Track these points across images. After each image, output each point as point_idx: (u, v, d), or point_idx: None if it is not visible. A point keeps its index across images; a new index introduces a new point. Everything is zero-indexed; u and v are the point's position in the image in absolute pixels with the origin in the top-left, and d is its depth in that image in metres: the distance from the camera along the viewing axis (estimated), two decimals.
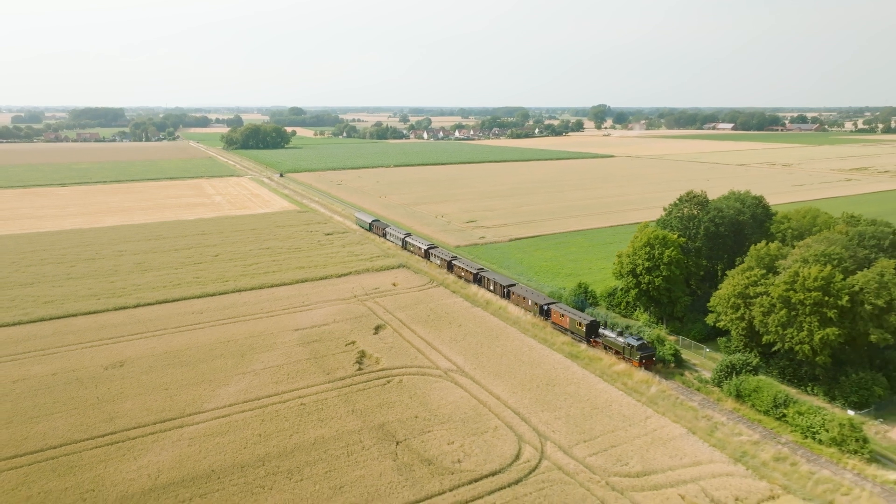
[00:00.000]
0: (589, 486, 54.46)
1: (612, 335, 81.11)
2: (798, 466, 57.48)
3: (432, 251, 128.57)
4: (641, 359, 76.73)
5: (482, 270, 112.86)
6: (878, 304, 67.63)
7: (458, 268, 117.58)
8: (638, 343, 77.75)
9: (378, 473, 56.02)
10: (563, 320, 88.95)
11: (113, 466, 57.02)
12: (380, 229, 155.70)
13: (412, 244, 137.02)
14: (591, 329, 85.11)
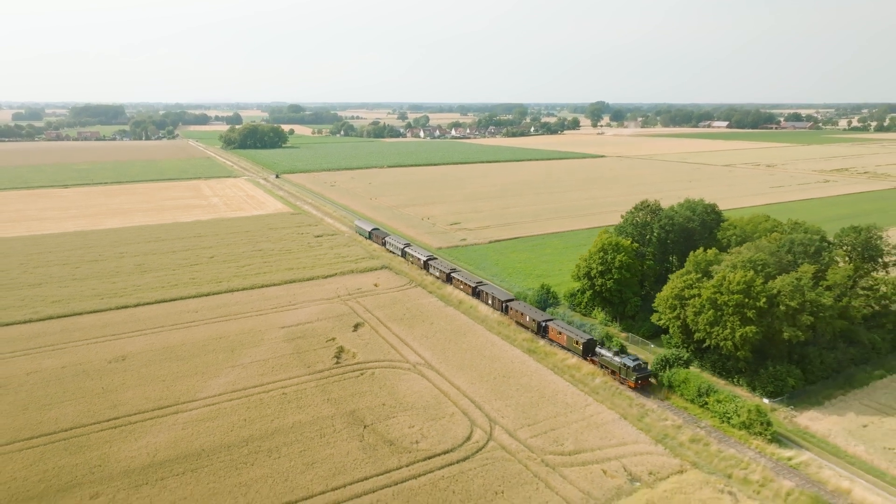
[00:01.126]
0: (526, 462, 63.39)
1: (609, 355, 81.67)
2: (709, 446, 66.43)
3: (431, 262, 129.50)
4: (637, 379, 77.28)
5: (481, 284, 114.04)
6: (793, 306, 76.53)
7: (458, 280, 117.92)
8: (634, 364, 78.32)
9: (345, 452, 64.97)
10: (561, 338, 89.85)
11: (117, 446, 65.96)
12: (379, 238, 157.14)
13: (411, 255, 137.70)
14: (588, 347, 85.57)
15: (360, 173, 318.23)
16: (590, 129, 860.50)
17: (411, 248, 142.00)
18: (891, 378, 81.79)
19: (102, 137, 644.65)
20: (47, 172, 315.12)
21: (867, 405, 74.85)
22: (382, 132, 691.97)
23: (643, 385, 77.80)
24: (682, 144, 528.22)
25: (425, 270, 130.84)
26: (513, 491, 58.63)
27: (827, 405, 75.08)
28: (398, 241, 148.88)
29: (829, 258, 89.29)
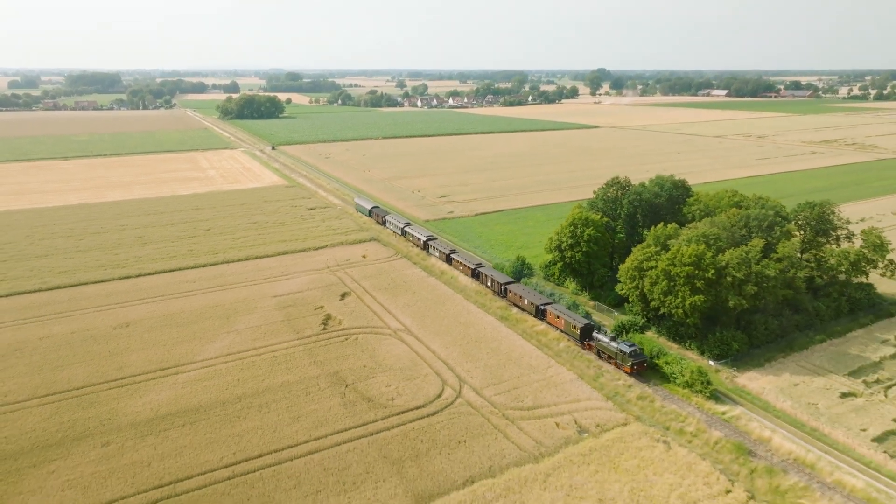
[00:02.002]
0: (488, 416, 71.23)
1: (605, 340, 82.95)
2: (654, 403, 74.21)
3: (431, 243, 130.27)
4: (633, 365, 78.56)
5: (480, 266, 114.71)
6: (739, 277, 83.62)
7: (457, 262, 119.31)
8: (630, 350, 79.47)
9: (328, 408, 72.79)
10: (559, 322, 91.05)
11: (123, 402, 73.79)
12: (379, 216, 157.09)
13: (411, 234, 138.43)
14: (585, 332, 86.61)
15: (355, 145, 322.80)
16: (588, 97, 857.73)
17: (411, 227, 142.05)
18: (830, 342, 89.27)
19: (100, 107, 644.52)
20: (47, 144, 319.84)
21: (802, 366, 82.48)
22: (380, 101, 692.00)
23: (639, 370, 78.83)
24: (678, 114, 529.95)
25: (425, 251, 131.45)
26: (474, 440, 66.52)
27: (767, 366, 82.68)
28: (398, 219, 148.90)
29: (780, 232, 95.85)
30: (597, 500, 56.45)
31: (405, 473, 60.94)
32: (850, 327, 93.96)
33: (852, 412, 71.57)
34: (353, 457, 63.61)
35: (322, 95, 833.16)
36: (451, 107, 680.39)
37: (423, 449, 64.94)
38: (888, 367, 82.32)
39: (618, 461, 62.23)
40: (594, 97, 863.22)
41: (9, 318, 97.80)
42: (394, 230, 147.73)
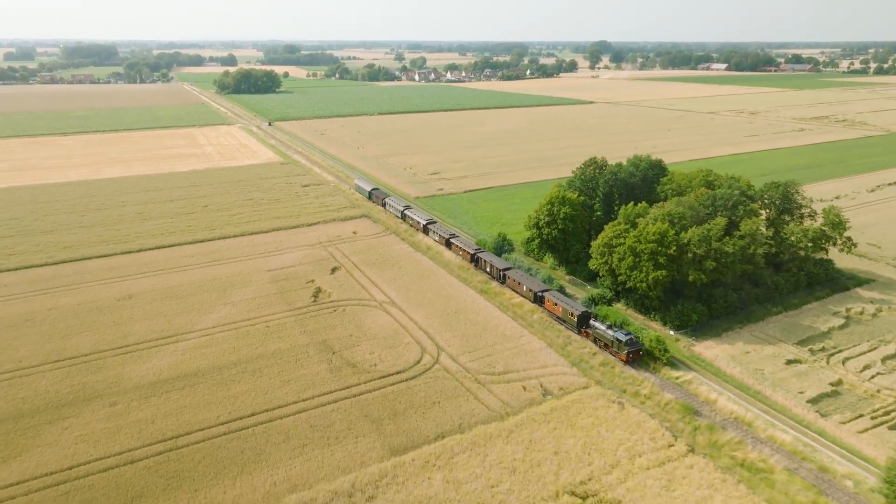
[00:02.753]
0: (462, 380, 77.96)
1: (602, 328, 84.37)
2: (614, 369, 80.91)
3: (430, 226, 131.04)
4: (629, 353, 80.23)
5: (479, 251, 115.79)
6: (699, 253, 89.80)
7: (457, 246, 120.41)
8: (626, 338, 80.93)
9: (315, 372, 79.50)
10: (557, 309, 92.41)
11: (128, 368, 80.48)
12: (379, 199, 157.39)
13: (411, 217, 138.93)
14: (582, 320, 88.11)
15: (351, 121, 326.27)
16: (587, 71, 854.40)
17: (411, 210, 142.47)
18: (785, 314, 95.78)
19: (97, 80, 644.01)
20: (46, 120, 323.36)
21: (756, 336, 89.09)
22: (377, 75, 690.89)
23: (634, 358, 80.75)
24: (674, 89, 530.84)
25: (424, 234, 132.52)
26: (447, 401, 73.32)
27: (723, 336, 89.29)
28: (398, 202, 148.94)
29: (743, 211, 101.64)
30: (552, 453, 63.37)
31: (383, 430, 67.83)
32: (806, 300, 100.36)
33: (794, 377, 78.34)
34: (336, 415, 70.46)
35: (320, 69, 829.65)
36: (448, 81, 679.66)
37: (401, 409, 71.76)
38: (835, 337, 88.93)
39: (575, 420, 69.10)
40: (593, 71, 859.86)
41: (19, 290, 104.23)
42: (394, 213, 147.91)
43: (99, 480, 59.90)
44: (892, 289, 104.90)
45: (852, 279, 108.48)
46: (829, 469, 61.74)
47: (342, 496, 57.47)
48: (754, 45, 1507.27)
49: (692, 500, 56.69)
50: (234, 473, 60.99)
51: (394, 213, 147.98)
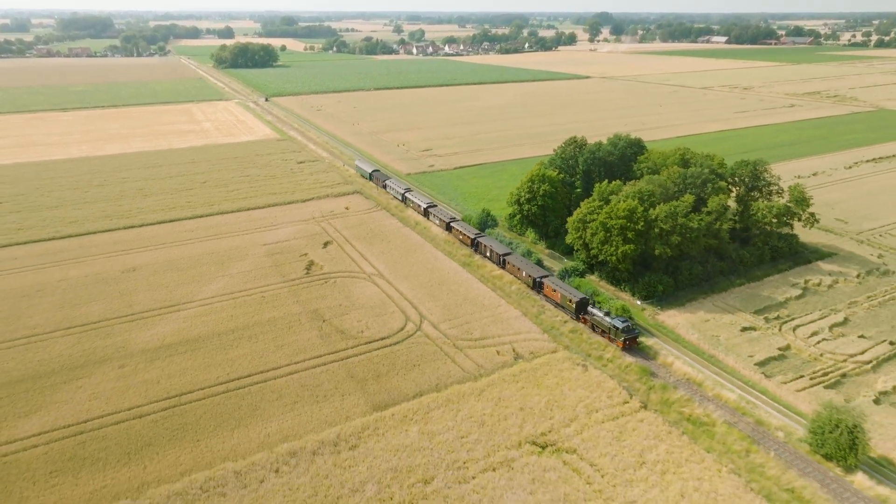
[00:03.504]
0: (441, 346, 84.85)
1: (600, 315, 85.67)
2: (582, 335, 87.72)
3: (431, 209, 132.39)
4: (625, 340, 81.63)
5: (479, 236, 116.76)
6: (665, 228, 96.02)
7: (457, 230, 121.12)
8: (623, 325, 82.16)
9: (307, 339, 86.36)
10: (555, 295, 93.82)
11: (134, 334, 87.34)
12: (380, 181, 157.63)
13: (412, 200, 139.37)
14: (580, 306, 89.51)
15: (347, 96, 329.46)
16: (586, 44, 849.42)
17: (412, 193, 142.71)
18: (747, 286, 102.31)
19: (93, 54, 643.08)
20: (46, 95, 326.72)
21: (717, 306, 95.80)
22: (375, 49, 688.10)
23: (630, 345, 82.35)
24: (672, 63, 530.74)
25: (425, 217, 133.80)
26: (426, 364, 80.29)
27: (687, 306, 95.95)
28: (399, 185, 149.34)
29: (711, 188, 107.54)
30: (518, 409, 70.47)
31: (367, 389, 74.90)
32: (769, 273, 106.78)
33: (747, 342, 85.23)
34: (325, 376, 77.49)
35: (317, 41, 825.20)
36: (446, 54, 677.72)
37: (384, 371, 78.76)
38: (790, 307, 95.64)
39: (541, 380, 76.12)
40: (591, 44, 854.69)
41: (29, 263, 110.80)
42: (394, 195, 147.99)
43: (111, 432, 67.08)
44: (852, 262, 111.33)
45: (815, 253, 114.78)
46: (765, 422, 68.90)
47: (328, 445, 64.66)
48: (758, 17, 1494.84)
49: (638, 449, 63.87)
50: (231, 426, 68.16)
51: (394, 196, 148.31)
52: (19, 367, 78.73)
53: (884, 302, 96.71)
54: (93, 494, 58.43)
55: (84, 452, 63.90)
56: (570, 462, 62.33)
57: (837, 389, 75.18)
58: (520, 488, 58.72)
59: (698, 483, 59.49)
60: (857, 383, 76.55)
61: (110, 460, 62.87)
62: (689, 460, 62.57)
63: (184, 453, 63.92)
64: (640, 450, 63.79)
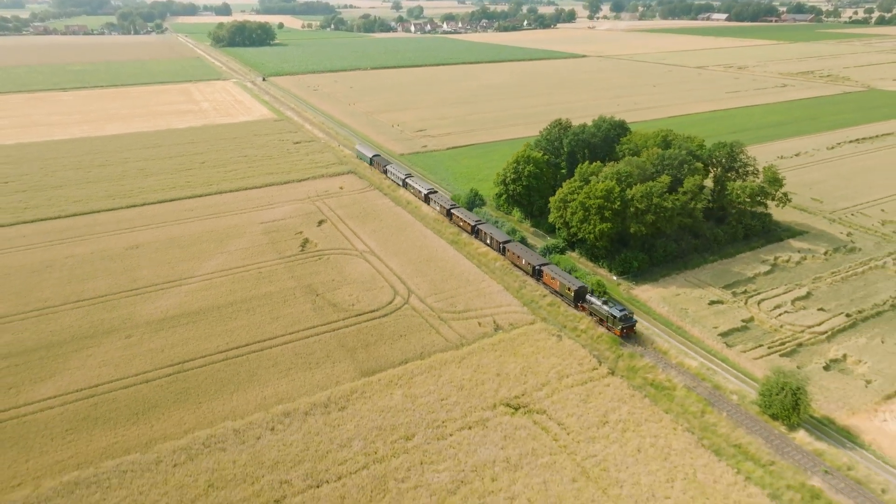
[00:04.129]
0: (426, 318, 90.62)
1: (598, 303, 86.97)
2: (560, 308, 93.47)
3: (431, 196, 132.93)
4: (623, 328, 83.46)
5: (479, 223, 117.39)
6: (640, 208, 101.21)
7: (457, 217, 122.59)
8: (620, 314, 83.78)
9: (301, 311, 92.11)
10: (554, 283, 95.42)
11: (139, 307, 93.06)
12: (380, 166, 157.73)
13: (413, 186, 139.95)
14: (578, 294, 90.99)
15: (344, 76, 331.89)
16: (586, 21, 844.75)
17: (412, 179, 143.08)
18: (720, 263, 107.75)
19: (91, 31, 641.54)
20: (45, 74, 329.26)
21: (689, 281, 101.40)
22: (373, 26, 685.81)
23: (628, 333, 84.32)
24: (669, 41, 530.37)
25: (426, 203, 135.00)
26: (412, 334, 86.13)
27: (660, 281, 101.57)
28: (399, 170, 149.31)
29: (687, 169, 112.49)
30: (495, 374, 76.45)
31: (356, 357, 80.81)
32: (741, 250, 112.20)
33: (713, 315, 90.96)
34: (318, 346, 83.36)
35: (315, 18, 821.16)
36: (444, 32, 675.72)
37: (372, 340, 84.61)
38: (758, 282, 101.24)
39: (518, 349, 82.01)
40: (591, 21, 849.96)
41: (37, 240, 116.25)
42: (395, 181, 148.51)
43: (120, 395, 73.13)
44: (821, 239, 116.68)
45: (787, 231, 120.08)
46: (721, 387, 74.91)
47: (319, 406, 70.72)
48: None
49: (602, 410, 69.93)
50: (231, 390, 74.17)
51: (395, 182, 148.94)
52: (33, 337, 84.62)
53: (846, 277, 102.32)
54: (105, 449, 64.54)
55: (96, 413, 69.99)
56: (539, 422, 68.42)
57: (792, 357, 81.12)
58: (492, 444, 64.85)
59: (654, 440, 65.61)
60: (812, 352, 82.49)
61: (120, 420, 68.97)
62: (649, 420, 68.64)
63: (187, 414, 70.01)
64: (604, 411, 69.85)
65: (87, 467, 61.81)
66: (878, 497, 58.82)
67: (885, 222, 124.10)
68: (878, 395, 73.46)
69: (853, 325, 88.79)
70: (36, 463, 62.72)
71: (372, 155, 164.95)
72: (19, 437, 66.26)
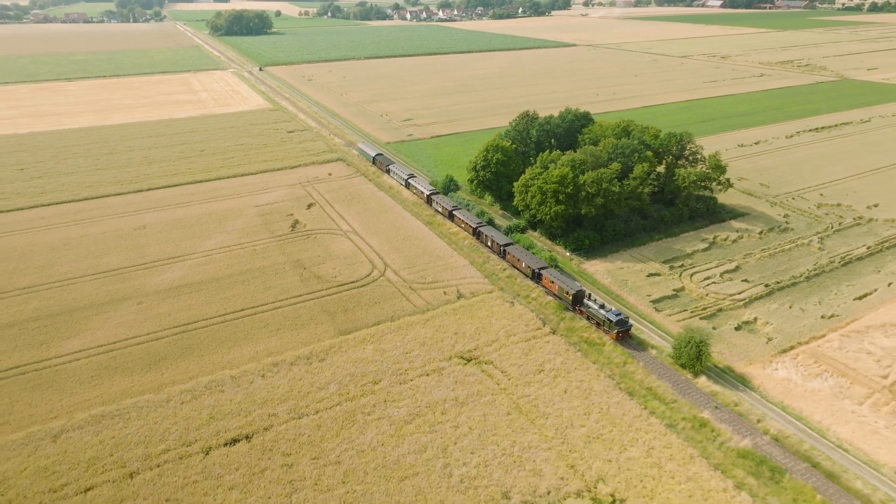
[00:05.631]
0: (399, 287, 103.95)
1: (595, 307, 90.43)
2: (516, 279, 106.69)
3: (434, 197, 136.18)
4: (618, 332, 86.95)
5: (481, 225, 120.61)
6: (591, 192, 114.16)
7: (459, 219, 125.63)
8: (616, 318, 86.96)
9: (290, 282, 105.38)
10: (553, 287, 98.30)
11: (148, 279, 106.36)
12: (383, 165, 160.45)
13: (415, 187, 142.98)
14: (576, 298, 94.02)
15: (338, 66, 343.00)
16: (581, 7, 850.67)
17: (415, 179, 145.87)
18: (664, 241, 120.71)
19: (90, 19, 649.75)
20: (50, 65, 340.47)
21: (634, 257, 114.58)
22: (369, 14, 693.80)
23: (624, 337, 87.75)
24: (660, 29, 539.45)
25: (428, 205, 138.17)
26: (385, 301, 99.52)
27: (609, 257, 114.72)
28: (402, 170, 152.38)
29: (638, 157, 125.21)
30: (453, 333, 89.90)
31: (336, 320, 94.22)
32: (686, 229, 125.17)
33: (649, 285, 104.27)
34: (303, 311, 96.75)
35: (312, 5, 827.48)
36: (440, 20, 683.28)
37: (351, 306, 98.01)
38: (695, 258, 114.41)
39: (475, 313, 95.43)
40: (587, 8, 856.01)
41: (55, 221, 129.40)
42: (398, 180, 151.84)
43: (135, 350, 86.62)
44: (760, 220, 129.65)
45: (731, 213, 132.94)
46: (644, 343, 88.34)
47: (302, 358, 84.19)
48: None
49: (540, 361, 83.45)
50: (228, 346, 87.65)
51: (397, 181, 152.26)
52: (57, 303, 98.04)
53: (774, 254, 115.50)
54: (124, 391, 78.13)
55: (115, 363, 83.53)
56: (486, 370, 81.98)
57: (710, 320, 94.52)
58: (445, 387, 78.43)
59: (580, 384, 79.19)
60: (728, 316, 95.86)
61: (135, 369, 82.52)
62: (577, 369, 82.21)
63: (191, 364, 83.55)
64: (541, 361, 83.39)
65: (110, 404, 75.41)
66: (753, 425, 72.49)
67: (820, 205, 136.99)
68: (774, 350, 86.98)
69: (770, 293, 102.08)
70: (68, 401, 76.34)
71: (375, 154, 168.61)
72: (53, 381, 79.86)
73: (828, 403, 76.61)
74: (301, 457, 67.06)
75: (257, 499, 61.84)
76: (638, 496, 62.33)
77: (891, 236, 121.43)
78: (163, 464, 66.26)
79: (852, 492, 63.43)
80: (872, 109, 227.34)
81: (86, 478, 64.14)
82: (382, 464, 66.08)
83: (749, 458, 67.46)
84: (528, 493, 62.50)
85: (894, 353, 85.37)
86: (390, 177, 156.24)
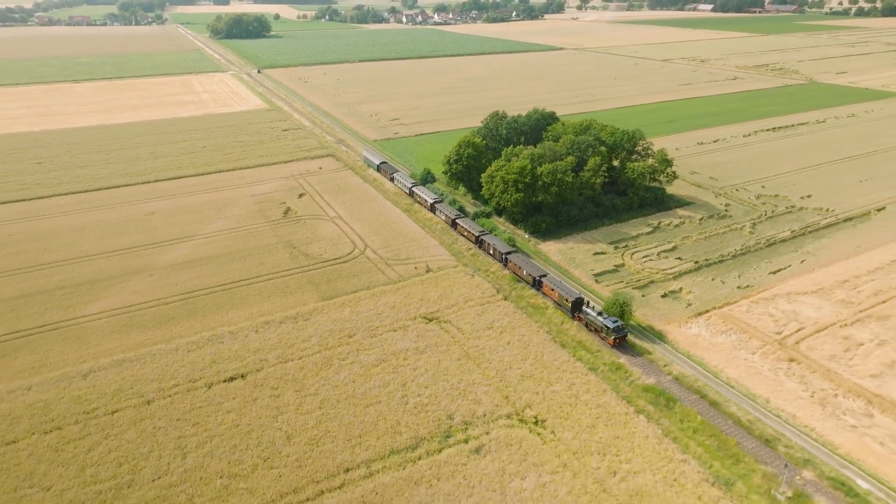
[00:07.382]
0: (376, 263, 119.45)
1: (593, 314, 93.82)
2: (479, 257, 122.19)
3: (437, 205, 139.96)
4: (615, 339, 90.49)
5: (483, 234, 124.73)
6: (547, 182, 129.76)
7: (462, 228, 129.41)
8: (614, 325, 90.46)
9: (281, 259, 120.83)
10: (553, 294, 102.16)
11: (158, 256, 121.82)
12: (388, 173, 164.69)
13: (419, 195, 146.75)
14: (575, 305, 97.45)
15: (333, 68, 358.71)
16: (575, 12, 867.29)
17: (419, 188, 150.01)
18: (614, 226, 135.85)
19: (93, 22, 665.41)
20: (56, 67, 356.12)
21: (585, 239, 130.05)
22: (366, 17, 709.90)
23: (621, 343, 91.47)
24: (647, 33, 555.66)
25: (431, 212, 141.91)
26: (363, 274, 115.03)
27: (563, 239, 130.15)
28: (406, 179, 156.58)
29: (592, 152, 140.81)
30: (419, 299, 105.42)
31: (320, 289, 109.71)
32: (634, 216, 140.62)
33: (593, 261, 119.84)
34: (292, 282, 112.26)
35: (310, 9, 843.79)
36: (435, 23, 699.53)
37: (333, 278, 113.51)
38: (639, 240, 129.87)
39: (440, 283, 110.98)
40: (579, 12, 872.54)
41: (73, 208, 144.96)
42: (402, 188, 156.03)
43: (148, 312, 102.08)
44: (702, 209, 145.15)
45: (678, 202, 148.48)
46: None
47: (290, 318, 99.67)
48: None
49: (490, 320, 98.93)
50: (227, 309, 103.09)
51: (402, 189, 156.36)
52: (81, 276, 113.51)
53: (709, 237, 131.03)
54: (140, 343, 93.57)
55: (132, 322, 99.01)
56: (444, 327, 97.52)
57: (642, 290, 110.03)
58: (408, 339, 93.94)
59: (521, 338, 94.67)
60: (658, 286, 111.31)
61: (149, 326, 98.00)
62: (521, 326, 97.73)
63: (196, 323, 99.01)
64: (491, 320, 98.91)
65: (128, 352, 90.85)
66: (660, 368, 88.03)
67: (759, 196, 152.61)
68: (691, 313, 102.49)
69: (698, 269, 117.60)
70: (94, 350, 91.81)
71: (379, 162, 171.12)
72: (79, 336, 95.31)
73: (726, 353, 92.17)
74: (286, 390, 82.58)
75: (250, 419, 77.34)
76: (556, 417, 77.87)
77: (814, 222, 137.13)
78: (174, 395, 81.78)
79: (727, 415, 79.09)
80: (830, 111, 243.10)
81: (112, 404, 79.65)
82: (352, 395, 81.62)
83: (651, 391, 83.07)
84: (468, 415, 78.01)
85: (791, 315, 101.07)
86: (394, 185, 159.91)
